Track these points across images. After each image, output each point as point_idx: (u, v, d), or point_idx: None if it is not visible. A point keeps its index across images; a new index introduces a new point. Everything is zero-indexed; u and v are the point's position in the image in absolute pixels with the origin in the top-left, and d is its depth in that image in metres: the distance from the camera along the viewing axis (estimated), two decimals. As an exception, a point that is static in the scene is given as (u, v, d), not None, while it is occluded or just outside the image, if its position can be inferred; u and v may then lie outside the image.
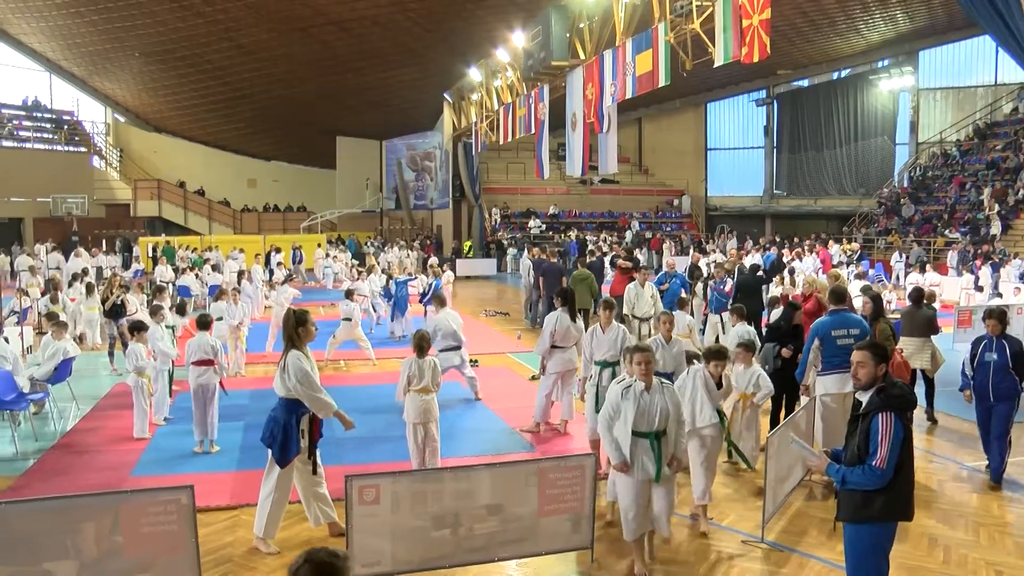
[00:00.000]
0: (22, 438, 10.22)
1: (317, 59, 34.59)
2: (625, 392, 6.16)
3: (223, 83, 38.20)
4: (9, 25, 38.58)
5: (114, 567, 5.69)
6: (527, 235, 37.34)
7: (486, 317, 21.05)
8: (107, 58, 38.38)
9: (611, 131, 21.55)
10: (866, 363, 4.93)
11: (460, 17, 29.74)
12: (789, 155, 41.70)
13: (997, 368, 8.24)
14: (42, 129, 42.21)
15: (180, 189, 43.48)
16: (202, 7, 30.87)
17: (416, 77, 36.27)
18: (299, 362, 6.77)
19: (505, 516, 6.24)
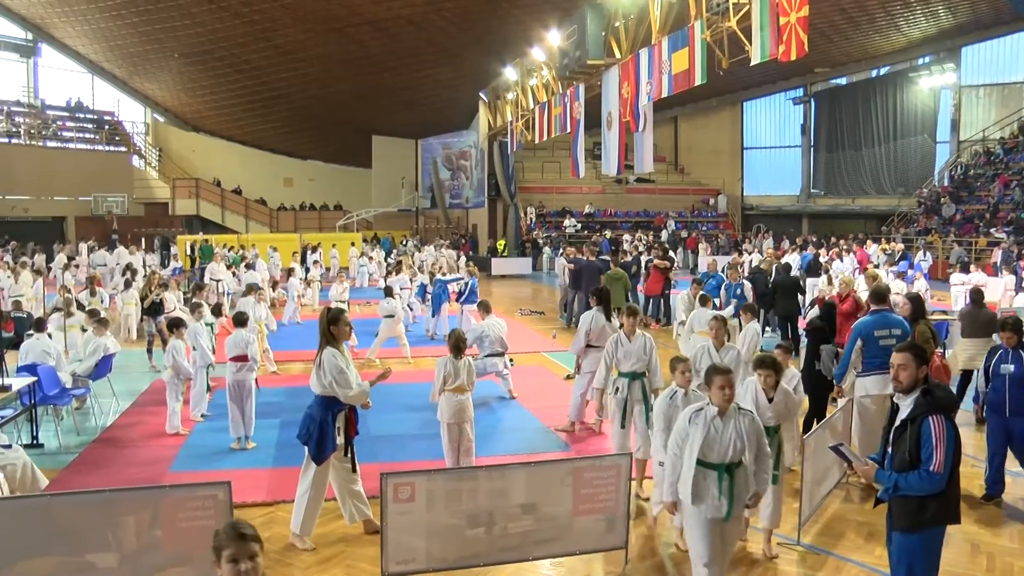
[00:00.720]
0: (65, 432, 10.40)
1: (353, 59, 34.78)
2: (694, 416, 5.46)
3: (260, 83, 38.56)
4: (55, 29, 39.36)
5: (153, 560, 5.76)
6: (562, 234, 37.29)
7: (521, 316, 21.04)
8: (147, 59, 38.94)
9: (647, 130, 21.48)
10: (908, 365, 4.79)
11: (495, 16, 29.77)
12: (826, 154, 41.25)
13: (1013, 381, 7.72)
14: (84, 129, 42.89)
15: (217, 188, 43.93)
16: (239, 8, 31.18)
17: (451, 76, 36.35)
18: (333, 359, 6.80)
19: (539, 515, 6.23)
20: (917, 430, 4.67)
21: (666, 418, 6.34)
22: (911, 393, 4.80)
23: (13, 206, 37.19)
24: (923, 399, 4.74)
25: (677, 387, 6.59)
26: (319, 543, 6.91)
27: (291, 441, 9.16)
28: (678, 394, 6.54)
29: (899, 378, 4.83)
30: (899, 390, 4.86)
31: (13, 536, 5.55)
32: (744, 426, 5.41)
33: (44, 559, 5.59)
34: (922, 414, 4.68)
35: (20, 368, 10.90)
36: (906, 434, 4.74)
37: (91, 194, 38.71)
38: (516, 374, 12.94)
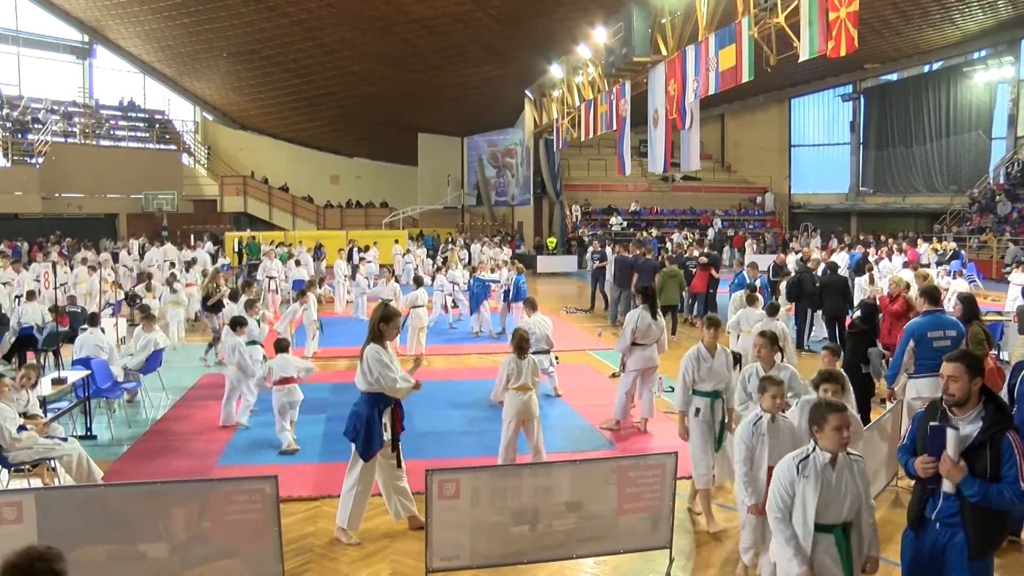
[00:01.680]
0: (117, 425, 10.62)
1: (399, 57, 34.96)
2: (801, 467, 4.51)
3: (307, 81, 38.92)
4: (109, 31, 40.21)
5: (201, 552, 5.85)
6: (608, 232, 37.17)
7: (566, 314, 21.02)
8: (197, 59, 39.54)
9: (693, 127, 21.34)
10: (960, 377, 4.40)
11: (542, 14, 29.74)
12: (876, 151, 40.60)
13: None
14: (136, 128, 43.63)
15: (265, 185, 44.36)
16: (286, 7, 31.51)
17: (497, 74, 36.40)
18: (377, 355, 6.85)
19: (584, 513, 6.21)
20: (997, 449, 4.29)
21: (748, 448, 5.72)
22: (967, 407, 4.42)
23: (68, 203, 37.94)
24: (998, 415, 4.37)
25: (763, 412, 5.82)
26: (364, 538, 6.98)
27: (336, 436, 9.26)
28: (763, 420, 5.75)
29: (950, 390, 4.44)
30: (950, 403, 4.45)
31: (71, 524, 5.69)
32: (857, 475, 4.54)
33: (99, 547, 5.71)
34: (1000, 431, 4.32)
35: (75, 362, 11.16)
36: (984, 453, 4.31)
37: (142, 191, 39.37)
38: (561, 372, 12.94)
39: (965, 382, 4.40)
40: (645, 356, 10.05)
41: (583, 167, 42.35)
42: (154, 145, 42.96)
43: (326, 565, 6.58)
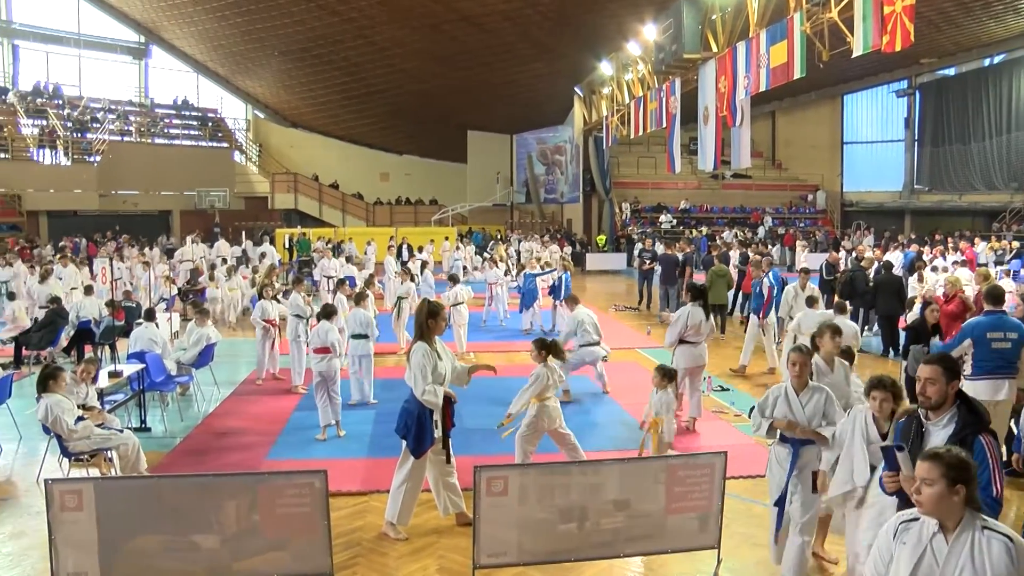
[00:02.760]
0: (170, 418, 10.80)
1: (448, 54, 35.07)
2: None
3: (357, 79, 39.22)
4: (163, 31, 40.97)
5: (252, 544, 5.93)
6: (657, 230, 36.95)
7: (615, 312, 20.94)
8: (248, 58, 40.07)
9: (744, 125, 21.12)
10: (937, 379, 4.23)
11: (591, 10, 29.63)
12: (932, 148, 39.69)
13: None
14: (189, 127, 44.37)
15: (315, 182, 44.81)
16: (337, 6, 31.77)
17: (546, 71, 36.35)
18: (418, 354, 6.86)
19: (632, 512, 6.18)
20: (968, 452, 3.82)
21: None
22: (942, 410, 4.27)
23: (124, 200, 38.71)
24: (970, 416, 4.19)
25: None
26: (412, 533, 7.01)
27: (385, 432, 9.34)
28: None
29: (927, 392, 4.26)
30: (926, 407, 4.30)
31: (127, 513, 5.81)
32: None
33: (153, 537, 5.82)
34: (972, 433, 4.10)
35: (130, 355, 11.38)
36: None
37: (195, 189, 40.03)
38: (610, 369, 12.90)
39: (942, 385, 4.24)
40: (695, 354, 9.98)
41: (633, 164, 42.13)
42: (207, 143, 43.62)
43: (374, 560, 6.62)
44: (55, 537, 5.70)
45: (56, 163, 37.16)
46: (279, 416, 10.78)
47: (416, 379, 6.81)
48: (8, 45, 40.88)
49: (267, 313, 12.86)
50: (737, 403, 11.36)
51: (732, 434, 9.93)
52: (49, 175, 36.41)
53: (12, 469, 9.01)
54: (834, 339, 6.83)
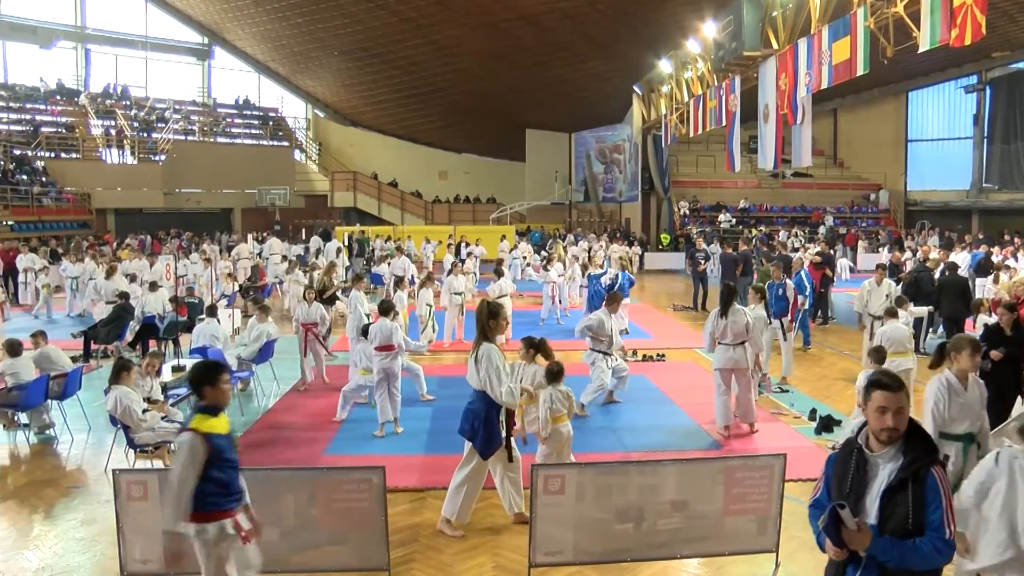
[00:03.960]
0: (231, 412, 10.95)
1: (507, 53, 35.13)
2: None
3: (416, 78, 39.47)
4: (226, 32, 41.73)
5: (310, 538, 6.03)
6: (716, 229, 36.58)
7: (674, 312, 20.80)
8: (309, 58, 40.60)
9: (805, 123, 20.79)
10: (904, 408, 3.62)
11: (650, 8, 29.45)
12: (1002, 145, 38.49)
13: None
14: (251, 126, 45.16)
15: (374, 181, 45.21)
16: (396, 5, 32.03)
17: (605, 70, 36.21)
18: (493, 355, 6.83)
19: (689, 513, 6.15)
20: (921, 488, 3.53)
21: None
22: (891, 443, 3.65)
23: (187, 198, 39.52)
24: (921, 446, 3.64)
25: None
26: (468, 531, 7.04)
27: (443, 428, 9.42)
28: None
29: (891, 423, 3.60)
30: (893, 439, 3.62)
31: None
32: None
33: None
34: (924, 467, 3.55)
35: (192, 350, 11.62)
36: (906, 495, 3.55)
37: (256, 187, 40.71)
38: (667, 369, 12.85)
39: (906, 411, 3.65)
40: (726, 356, 9.76)
41: (691, 163, 41.77)
42: (268, 142, 44.34)
43: (430, 556, 6.66)
44: (122, 525, 5.86)
45: (123, 162, 38.09)
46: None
47: (492, 380, 6.76)
48: (81, 49, 42.11)
49: (308, 317, 12.50)
50: (796, 405, 11.19)
51: (791, 436, 9.78)
52: (117, 174, 37.38)
53: (83, 458, 9.29)
54: (974, 356, 5.98)
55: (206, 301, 16.09)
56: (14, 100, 38.66)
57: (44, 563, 6.56)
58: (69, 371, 10.47)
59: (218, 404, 4.95)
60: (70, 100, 40.56)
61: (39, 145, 36.34)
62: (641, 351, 14.76)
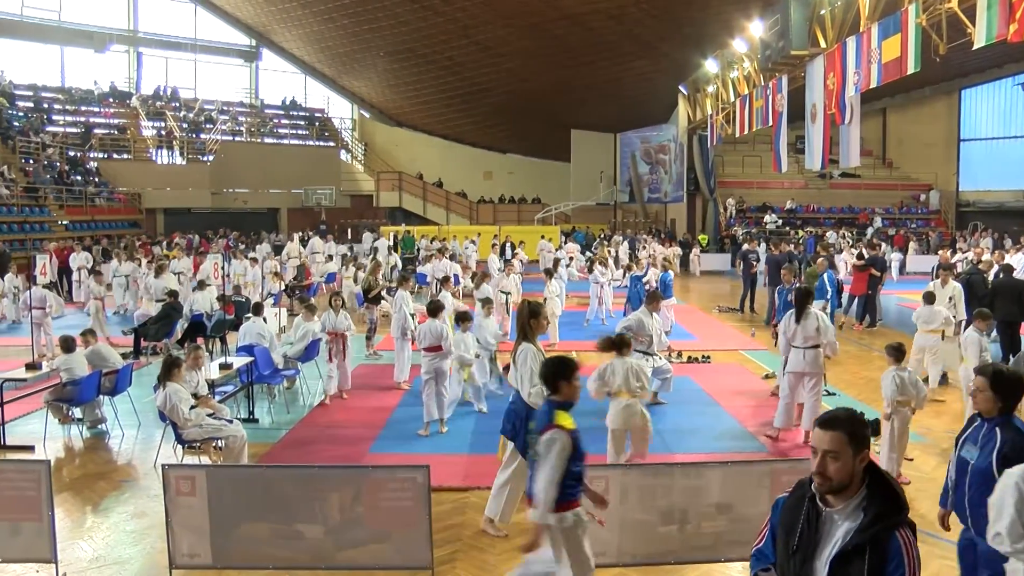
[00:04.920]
0: (276, 410, 11.12)
1: (551, 53, 35.09)
2: None
3: (461, 78, 39.58)
4: (273, 34, 42.25)
5: (355, 535, 6.08)
6: (762, 230, 36.23)
7: (718, 313, 20.64)
8: (355, 59, 40.92)
9: (853, 122, 20.55)
10: (840, 452, 3.03)
11: (695, 7, 29.26)
12: (1062, 143, 37.52)
13: (975, 475, 4.56)
14: (297, 126, 45.65)
15: (419, 181, 45.41)
16: (441, 6, 32.14)
17: (650, 69, 36.03)
18: (529, 356, 6.83)
19: (734, 516, 6.09)
20: (882, 553, 2.97)
21: None
22: (847, 493, 3.07)
23: (235, 198, 40.05)
24: (885, 504, 3.03)
25: None
26: (511, 531, 7.02)
27: (487, 428, 9.43)
28: None
29: (828, 471, 3.05)
30: (823, 490, 3.08)
31: (236, 500, 6.02)
32: None
33: (261, 524, 6.01)
34: (886, 529, 2.97)
35: (239, 349, 11.74)
36: (862, 562, 2.98)
37: (302, 187, 41.14)
38: (713, 372, 12.74)
39: (848, 459, 3.02)
40: (797, 359, 9.55)
41: (737, 164, 41.42)
42: (314, 142, 44.79)
43: (474, 555, 6.67)
44: (171, 519, 5.95)
45: (172, 163, 38.74)
46: (382, 411, 10.95)
47: (524, 380, 6.78)
48: (133, 53, 42.96)
49: (335, 325, 11.71)
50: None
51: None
52: (166, 174, 38.06)
53: (133, 453, 9.45)
54: None
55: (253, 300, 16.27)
56: (70, 103, 39.58)
57: (97, 553, 6.69)
58: (120, 368, 10.67)
59: (572, 400, 5.10)
60: (122, 102, 41.37)
61: (92, 146, 37.10)
62: (686, 352, 14.66)
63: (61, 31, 39.73)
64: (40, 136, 35.00)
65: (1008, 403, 4.50)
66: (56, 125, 37.65)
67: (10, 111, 35.78)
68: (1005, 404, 4.50)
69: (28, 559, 6.22)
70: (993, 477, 4.30)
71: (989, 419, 4.57)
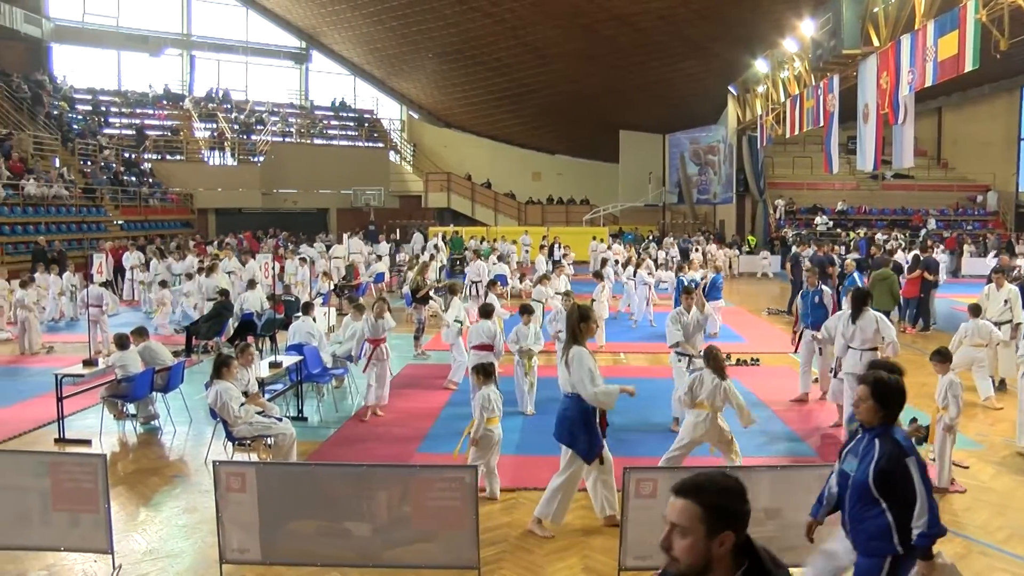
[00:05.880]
0: (325, 408, 11.22)
1: (600, 54, 35.01)
2: None
3: (509, 79, 39.65)
4: (323, 36, 42.74)
5: (402, 534, 6.09)
6: (812, 231, 35.77)
7: (767, 316, 20.43)
8: (403, 60, 41.22)
9: (907, 122, 20.18)
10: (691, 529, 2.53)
11: (745, 7, 28.99)
12: None
13: (855, 488, 4.37)
14: (346, 127, 46.09)
15: (468, 181, 45.55)
16: (490, 8, 32.21)
17: (700, 70, 35.78)
18: (584, 358, 6.76)
19: (784, 521, 6.01)
20: None
21: None
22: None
23: (285, 199, 40.53)
24: None
25: None
26: (558, 532, 7.01)
27: (535, 429, 9.47)
28: None
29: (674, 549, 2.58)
30: (673, 572, 2.62)
31: (285, 497, 6.08)
32: None
33: (309, 521, 6.07)
34: None
35: (288, 347, 11.87)
36: None
37: (351, 187, 41.50)
38: (761, 374, 12.60)
39: (699, 539, 2.49)
40: (854, 360, 9.35)
41: (787, 165, 40.96)
42: (363, 143, 45.19)
43: (520, 556, 6.66)
44: (222, 515, 6.03)
45: (224, 163, 39.33)
46: (430, 411, 10.99)
47: (585, 382, 6.69)
48: (186, 56, 43.72)
49: (376, 332, 10.94)
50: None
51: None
52: (217, 175, 38.65)
53: (184, 449, 9.61)
54: None
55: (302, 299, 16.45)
56: (126, 106, 40.41)
57: (151, 546, 6.82)
58: (172, 365, 10.85)
59: None
60: (175, 105, 42.12)
61: (146, 148, 37.80)
62: (735, 355, 14.52)
63: (118, 36, 40.72)
64: (97, 138, 35.76)
65: (889, 413, 4.33)
66: (112, 127, 38.50)
67: (70, 115, 36.63)
68: (887, 414, 4.33)
69: (86, 549, 6.37)
70: (870, 491, 4.20)
71: (870, 430, 4.37)
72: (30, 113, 32.94)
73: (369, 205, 41.65)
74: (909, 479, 4.09)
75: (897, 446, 4.19)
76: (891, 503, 4.11)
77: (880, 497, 4.13)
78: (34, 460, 6.67)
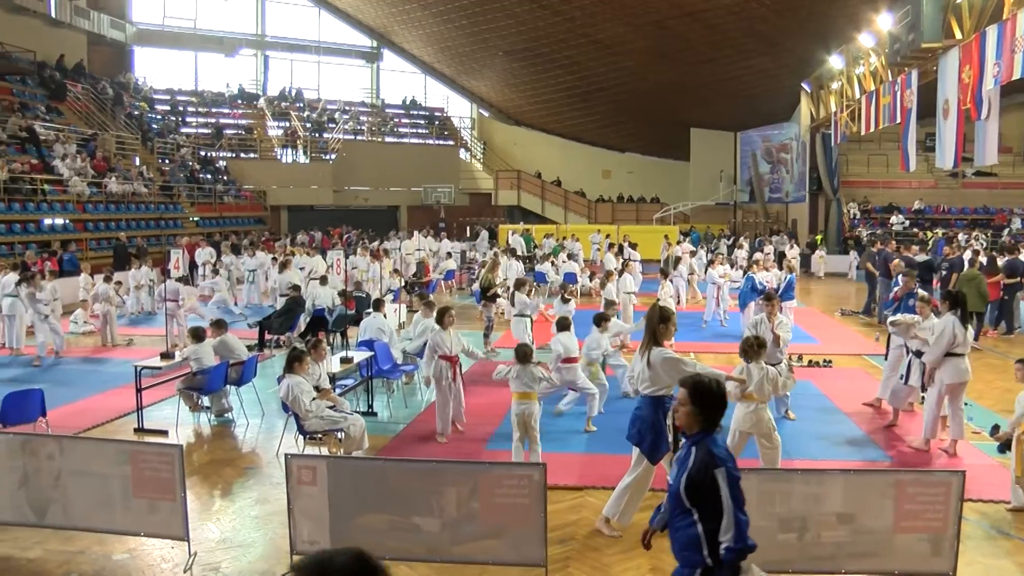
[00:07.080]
0: (395, 404, 11.33)
1: (671, 51, 34.73)
2: None
3: (579, 77, 39.56)
4: (394, 35, 43.19)
5: (470, 530, 6.14)
6: (888, 231, 34.95)
7: (841, 317, 20.05)
8: (473, 58, 41.39)
9: (991, 118, 19.55)
10: None
11: (820, 1, 28.47)
12: None
13: (670, 496, 4.26)
14: (417, 125, 46.47)
15: (538, 179, 45.58)
16: (559, 5, 32.20)
17: (772, 66, 35.24)
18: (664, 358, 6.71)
19: (856, 527, 5.89)
20: None
21: None
22: None
23: (356, 196, 41.07)
24: None
25: None
26: (626, 532, 6.97)
27: (604, 427, 9.41)
28: None
29: None
30: None
31: (356, 491, 6.16)
32: None
33: (379, 516, 6.15)
34: None
35: (359, 343, 12.01)
36: None
37: (422, 185, 41.86)
38: (835, 376, 12.39)
39: None
40: (961, 368, 9.00)
41: (862, 163, 40.07)
42: (433, 141, 45.48)
43: (588, 555, 6.65)
44: (293, 507, 6.15)
45: (296, 161, 39.99)
46: (499, 408, 10.98)
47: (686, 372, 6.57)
48: (260, 56, 44.60)
49: (441, 347, 9.80)
50: (976, 419, 10.46)
51: (971, 452, 9.19)
52: (290, 172, 39.30)
53: (256, 442, 9.81)
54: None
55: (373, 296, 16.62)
56: (202, 105, 41.40)
57: (224, 536, 7.00)
58: (246, 359, 11.07)
59: None
60: (250, 104, 42.97)
61: (222, 146, 38.66)
62: (807, 356, 14.28)
63: (195, 38, 41.78)
64: (175, 137, 36.68)
65: (708, 418, 4.12)
66: (189, 127, 39.49)
67: (150, 115, 37.64)
68: (705, 419, 4.12)
69: (164, 535, 6.58)
70: (683, 500, 4.04)
71: (689, 437, 4.18)
72: (112, 113, 33.91)
73: (439, 203, 41.98)
74: (716, 490, 3.91)
75: (709, 455, 4.00)
76: (702, 514, 3.98)
77: (692, 507, 4.00)
78: (116, 448, 6.90)
